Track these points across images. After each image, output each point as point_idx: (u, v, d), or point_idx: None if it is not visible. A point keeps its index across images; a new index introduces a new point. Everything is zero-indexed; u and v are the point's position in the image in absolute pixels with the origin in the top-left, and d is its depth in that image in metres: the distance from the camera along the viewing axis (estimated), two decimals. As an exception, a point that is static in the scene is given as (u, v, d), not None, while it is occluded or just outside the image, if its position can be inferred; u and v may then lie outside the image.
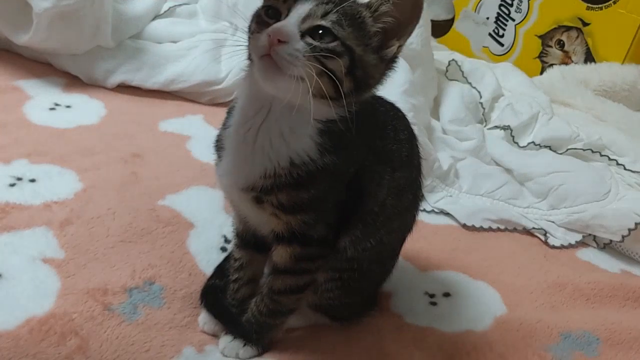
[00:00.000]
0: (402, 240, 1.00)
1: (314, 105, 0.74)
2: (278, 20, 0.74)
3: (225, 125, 0.86)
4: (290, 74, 0.71)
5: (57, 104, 1.45)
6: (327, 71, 0.72)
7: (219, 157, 0.86)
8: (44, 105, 1.44)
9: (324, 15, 0.73)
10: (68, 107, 1.45)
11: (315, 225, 0.82)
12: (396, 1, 0.75)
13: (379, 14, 0.76)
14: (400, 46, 0.78)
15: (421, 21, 1.57)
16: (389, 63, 0.79)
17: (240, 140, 0.81)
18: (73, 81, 1.55)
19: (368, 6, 0.76)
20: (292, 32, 0.72)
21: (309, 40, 0.72)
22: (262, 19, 0.75)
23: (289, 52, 0.71)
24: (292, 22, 0.73)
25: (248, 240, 0.94)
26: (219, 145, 0.86)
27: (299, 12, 0.73)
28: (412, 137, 0.95)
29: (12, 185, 1.14)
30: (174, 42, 1.68)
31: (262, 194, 0.81)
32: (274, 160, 0.79)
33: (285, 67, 0.71)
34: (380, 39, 0.77)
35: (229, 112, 0.86)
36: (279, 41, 0.71)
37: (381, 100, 0.93)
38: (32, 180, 1.16)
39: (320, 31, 0.73)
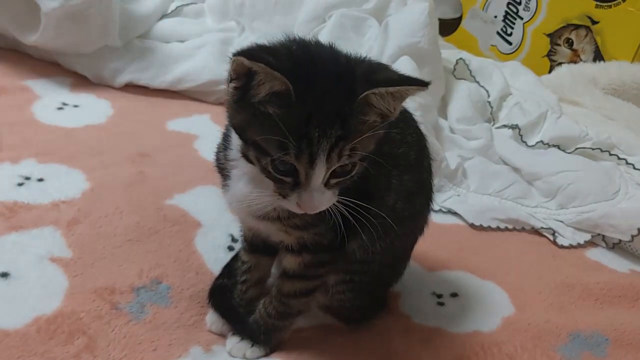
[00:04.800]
0: (414, 242, 1.00)
1: None
2: (295, 175, 0.70)
3: (224, 147, 0.83)
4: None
5: (65, 104, 1.46)
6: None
7: (226, 183, 0.84)
8: (52, 104, 1.44)
9: (340, 158, 0.69)
10: (76, 106, 1.46)
11: (325, 234, 0.82)
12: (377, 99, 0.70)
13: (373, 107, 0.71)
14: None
15: (428, 19, 1.59)
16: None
17: (245, 180, 0.79)
18: (81, 81, 1.56)
19: (372, 109, 0.71)
20: (324, 203, 0.72)
21: (334, 180, 0.71)
22: (277, 170, 0.71)
23: (322, 206, 0.73)
24: (317, 189, 0.70)
25: (257, 245, 0.94)
26: (222, 170, 0.84)
27: (319, 174, 0.69)
28: (420, 139, 0.93)
29: (21, 184, 1.15)
30: (181, 41, 1.69)
31: (275, 219, 0.81)
32: None
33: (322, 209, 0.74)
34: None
35: (225, 134, 0.84)
36: None
37: None
38: (40, 180, 1.17)
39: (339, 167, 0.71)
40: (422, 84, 0.70)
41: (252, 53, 0.67)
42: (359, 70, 0.71)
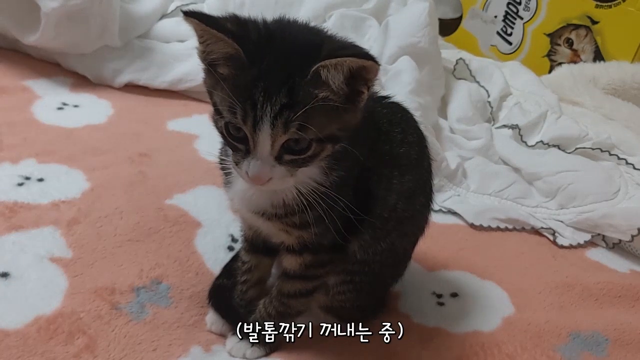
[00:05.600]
0: (415, 242, 1.00)
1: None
2: (246, 142, 0.71)
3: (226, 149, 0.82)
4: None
5: (65, 104, 1.46)
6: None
7: (228, 179, 0.84)
8: (52, 104, 1.44)
9: (286, 129, 0.68)
10: (76, 106, 1.46)
11: (326, 233, 0.82)
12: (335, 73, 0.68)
13: (333, 87, 0.69)
14: (369, 89, 0.72)
15: (428, 19, 1.59)
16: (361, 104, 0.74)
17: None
18: (81, 81, 1.56)
19: (323, 84, 0.69)
20: (271, 173, 0.71)
21: (287, 157, 0.71)
22: (231, 135, 0.72)
23: (275, 183, 0.72)
24: (265, 160, 0.70)
25: (257, 245, 0.94)
26: (225, 169, 0.84)
27: (265, 142, 0.69)
28: (421, 139, 0.93)
29: (21, 184, 1.15)
30: (181, 41, 1.68)
31: (274, 216, 0.81)
32: (281, 194, 0.79)
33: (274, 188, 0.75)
34: (349, 94, 0.71)
35: None
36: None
37: (388, 102, 0.92)
38: (40, 180, 1.17)
39: (292, 142, 0.70)
40: (366, 57, 0.68)
41: (192, 11, 0.69)
42: (327, 47, 0.70)
